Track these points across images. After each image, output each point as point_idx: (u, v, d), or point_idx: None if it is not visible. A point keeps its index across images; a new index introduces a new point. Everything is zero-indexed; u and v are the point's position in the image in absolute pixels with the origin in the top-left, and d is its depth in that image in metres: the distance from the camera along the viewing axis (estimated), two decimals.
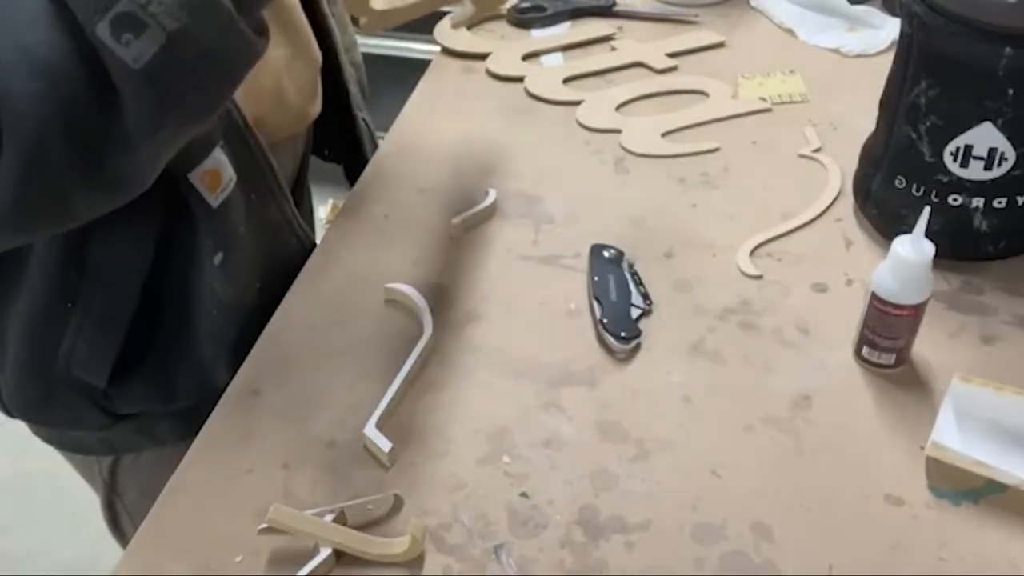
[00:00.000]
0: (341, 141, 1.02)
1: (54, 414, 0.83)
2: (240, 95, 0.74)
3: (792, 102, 1.04)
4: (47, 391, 0.80)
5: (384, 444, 0.70)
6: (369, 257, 0.87)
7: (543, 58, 1.13)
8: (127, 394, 0.80)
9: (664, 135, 1.00)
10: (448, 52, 1.14)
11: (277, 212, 0.84)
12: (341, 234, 0.90)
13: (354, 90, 0.99)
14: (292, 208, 0.86)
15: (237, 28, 0.57)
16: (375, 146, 1.03)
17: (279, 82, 0.84)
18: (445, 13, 1.18)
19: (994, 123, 0.76)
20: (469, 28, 1.17)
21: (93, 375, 0.78)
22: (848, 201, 0.91)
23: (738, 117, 1.02)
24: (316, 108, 0.92)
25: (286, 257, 0.87)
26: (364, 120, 1.02)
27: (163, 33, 0.54)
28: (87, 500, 0.99)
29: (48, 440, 0.90)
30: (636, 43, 1.14)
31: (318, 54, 0.91)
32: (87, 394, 0.79)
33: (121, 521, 0.96)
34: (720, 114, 1.03)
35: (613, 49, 1.14)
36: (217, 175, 0.75)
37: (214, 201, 0.74)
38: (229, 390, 0.76)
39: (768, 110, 1.03)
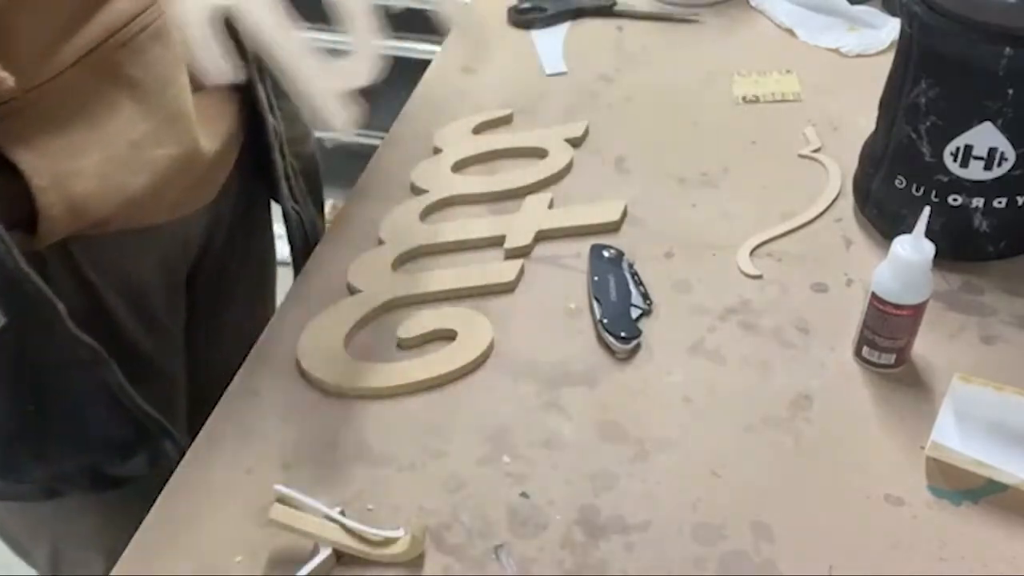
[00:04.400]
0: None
1: None
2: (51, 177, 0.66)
3: (785, 100, 1.04)
4: None
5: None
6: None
7: (543, 58, 1.13)
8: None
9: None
10: (448, 52, 1.14)
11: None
12: (341, 233, 0.90)
13: (286, 184, 0.91)
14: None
15: None
16: (308, 239, 0.93)
17: (123, 165, 0.71)
18: None
19: (994, 123, 0.76)
20: None
21: None
22: (848, 201, 0.91)
23: (737, 117, 1.02)
24: (200, 200, 0.83)
25: None
26: (296, 211, 0.93)
27: None
28: None
29: None
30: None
31: (199, 146, 0.77)
32: None
33: None
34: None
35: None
36: None
37: None
38: (229, 389, 0.76)
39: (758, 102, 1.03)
